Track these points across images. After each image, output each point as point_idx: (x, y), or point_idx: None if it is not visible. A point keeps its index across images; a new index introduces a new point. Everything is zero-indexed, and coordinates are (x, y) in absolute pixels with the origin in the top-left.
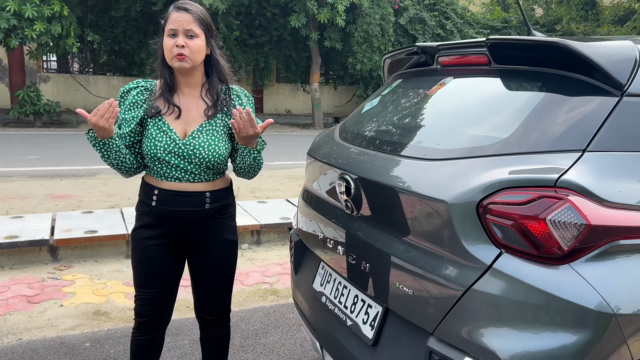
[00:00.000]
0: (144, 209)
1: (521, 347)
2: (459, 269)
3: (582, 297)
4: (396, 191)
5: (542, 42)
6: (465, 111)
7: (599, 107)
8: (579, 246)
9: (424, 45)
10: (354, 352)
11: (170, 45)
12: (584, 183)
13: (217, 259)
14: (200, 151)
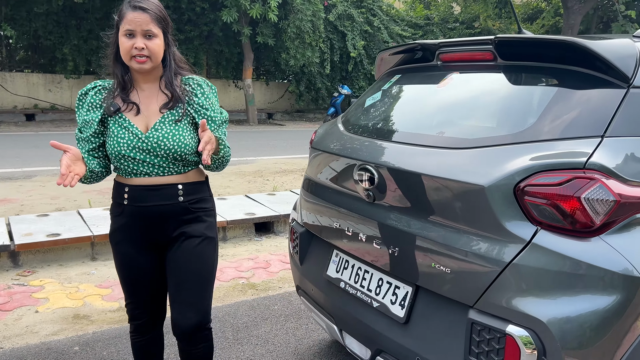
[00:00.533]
0: (117, 210)
1: (561, 312)
2: (499, 246)
3: (613, 264)
4: (428, 179)
5: (553, 40)
6: (481, 103)
7: (610, 98)
8: (608, 220)
9: (425, 42)
10: (382, 331)
11: (128, 47)
12: (608, 164)
13: (193, 254)
14: (164, 142)
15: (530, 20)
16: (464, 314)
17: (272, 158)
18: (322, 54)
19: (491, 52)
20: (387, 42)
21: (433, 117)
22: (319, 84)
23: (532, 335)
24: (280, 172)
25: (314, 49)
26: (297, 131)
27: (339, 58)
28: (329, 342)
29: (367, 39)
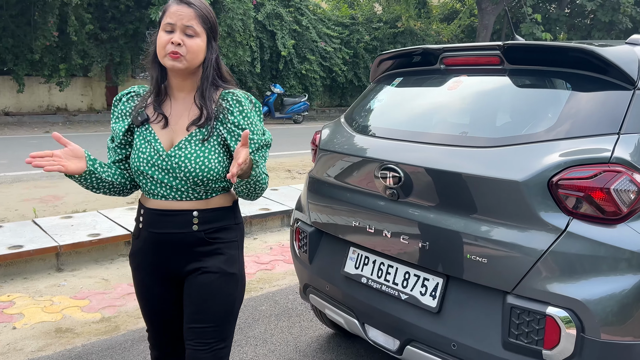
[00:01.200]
0: (135, 232)
1: (597, 292)
2: (535, 236)
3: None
4: (460, 176)
5: (563, 47)
6: (498, 104)
7: (620, 99)
8: (633, 208)
9: (429, 47)
10: (413, 321)
11: (164, 41)
12: (629, 158)
13: (209, 292)
14: (186, 164)
15: (447, 21)
16: (500, 299)
17: None
18: (252, 52)
19: (498, 57)
20: (316, 41)
21: (451, 118)
22: (250, 83)
23: (571, 314)
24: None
25: (245, 48)
26: None
27: (269, 57)
28: (327, 337)
29: (297, 38)
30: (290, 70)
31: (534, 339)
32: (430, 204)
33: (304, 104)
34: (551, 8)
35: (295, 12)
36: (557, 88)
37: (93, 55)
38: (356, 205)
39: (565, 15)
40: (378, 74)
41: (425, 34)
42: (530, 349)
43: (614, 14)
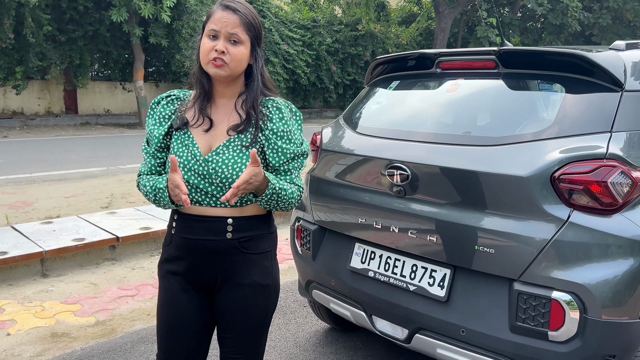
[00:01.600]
0: (167, 240)
1: (598, 276)
2: (540, 226)
3: (633, 234)
4: (467, 173)
5: (556, 52)
6: (496, 105)
7: (610, 100)
8: (627, 199)
9: (425, 51)
10: (421, 310)
11: (208, 48)
12: (622, 154)
13: (241, 306)
14: (222, 170)
15: (405, 24)
16: (506, 286)
17: None
18: None
19: (494, 61)
20: (279, 43)
21: (453, 118)
22: None
23: (575, 298)
24: None
25: None
26: None
27: None
28: (324, 331)
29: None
30: None
31: (540, 321)
32: (438, 200)
33: None
34: (504, 12)
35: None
36: (551, 90)
37: (51, 57)
38: (362, 202)
39: (518, 19)
40: (373, 77)
41: (385, 36)
42: (536, 331)
43: (564, 17)
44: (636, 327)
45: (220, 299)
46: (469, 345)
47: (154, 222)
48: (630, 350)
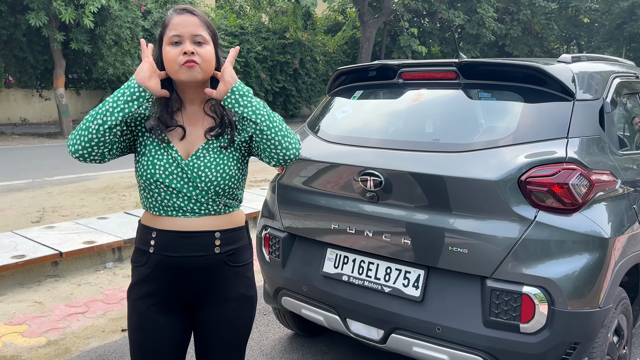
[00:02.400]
0: (139, 259)
1: (564, 270)
2: (509, 226)
3: (591, 230)
4: (439, 178)
5: (513, 64)
6: (460, 114)
7: (564, 108)
8: (585, 199)
9: (388, 62)
10: (397, 311)
11: (174, 55)
12: (578, 158)
13: (228, 320)
14: (206, 172)
15: (331, 32)
16: (479, 284)
17: (116, 172)
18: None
19: (454, 72)
20: None
21: (420, 126)
22: None
23: (543, 291)
24: (133, 187)
25: (134, 57)
26: None
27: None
28: (288, 338)
29: None
30: None
31: (512, 315)
32: (411, 204)
33: None
34: (424, 22)
35: None
36: (511, 100)
37: None
38: (334, 208)
39: (437, 29)
40: (335, 87)
41: (312, 44)
42: (509, 324)
43: (480, 28)
44: (597, 315)
45: (205, 314)
46: (444, 341)
47: (98, 236)
48: (592, 336)
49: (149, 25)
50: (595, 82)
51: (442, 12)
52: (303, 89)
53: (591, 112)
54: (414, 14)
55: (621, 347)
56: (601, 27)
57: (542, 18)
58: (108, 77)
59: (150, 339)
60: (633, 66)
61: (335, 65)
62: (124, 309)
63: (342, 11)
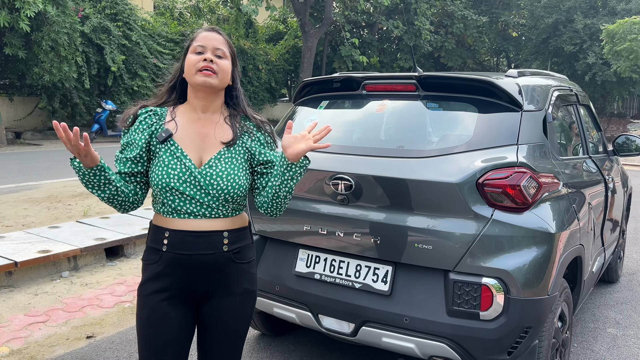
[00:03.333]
0: (152, 258)
1: (517, 262)
2: (469, 224)
3: (540, 227)
4: (406, 182)
5: (467, 78)
6: (421, 123)
7: (513, 118)
8: (535, 199)
9: (352, 75)
10: (367, 305)
11: (195, 60)
12: (527, 162)
13: (233, 313)
14: (218, 181)
15: (273, 41)
16: (442, 277)
17: (59, 181)
18: (78, 67)
19: (414, 85)
20: (147, 57)
21: (385, 134)
22: (76, 99)
23: (500, 282)
24: (78, 196)
25: (71, 63)
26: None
27: (97, 72)
28: (255, 338)
29: (127, 54)
30: (121, 86)
31: (473, 304)
32: (379, 206)
33: None
34: (364, 33)
35: (124, 26)
36: (467, 110)
37: None
38: (306, 211)
39: (376, 40)
40: (301, 97)
41: (255, 53)
42: (470, 313)
43: (417, 39)
44: (545, 302)
45: (211, 308)
46: (411, 331)
47: (52, 245)
48: (542, 321)
49: (87, 30)
50: (537, 94)
51: (382, 22)
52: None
53: (536, 121)
54: (354, 25)
55: (564, 331)
56: (528, 41)
57: (474, 31)
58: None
59: (161, 333)
60: (567, 80)
61: (277, 73)
62: (87, 316)
63: (284, 20)
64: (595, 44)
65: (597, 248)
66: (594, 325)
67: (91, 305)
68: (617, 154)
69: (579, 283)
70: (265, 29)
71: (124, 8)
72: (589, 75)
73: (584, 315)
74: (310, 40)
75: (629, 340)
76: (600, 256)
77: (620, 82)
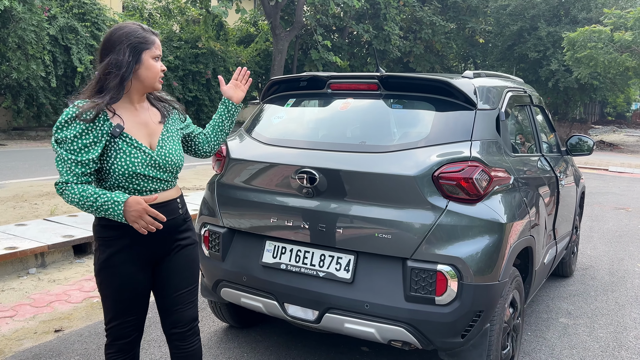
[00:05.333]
0: (116, 234)
1: (470, 250)
2: (426, 214)
3: (491, 217)
4: (367, 175)
5: (427, 78)
6: (382, 120)
7: (468, 116)
8: (487, 191)
9: (317, 74)
10: (330, 292)
11: (158, 68)
12: (480, 157)
13: (189, 261)
14: (171, 158)
15: (244, 44)
16: (401, 265)
17: (25, 181)
18: (46, 67)
19: (377, 84)
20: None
21: (348, 130)
22: (42, 99)
23: (454, 268)
24: (45, 195)
25: (38, 62)
26: (27, 151)
27: (64, 72)
28: (223, 330)
29: (94, 54)
30: None
31: (429, 289)
32: (342, 198)
33: None
34: (334, 37)
35: (92, 26)
36: (425, 109)
37: None
38: (272, 204)
39: (347, 44)
40: (269, 95)
41: (225, 55)
42: (426, 298)
43: (386, 44)
44: (496, 287)
45: (172, 262)
46: (372, 316)
47: (19, 242)
48: (493, 305)
49: (54, 32)
50: (492, 94)
51: (352, 26)
52: (216, 98)
53: (489, 119)
54: (325, 28)
55: (515, 317)
56: (494, 47)
57: (442, 37)
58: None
59: (131, 294)
60: (522, 82)
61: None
62: (55, 311)
63: (254, 23)
64: (558, 51)
65: (549, 241)
66: (547, 316)
67: (59, 300)
68: (570, 153)
69: (530, 273)
70: (236, 31)
71: (92, 8)
72: (552, 82)
73: (539, 306)
74: (281, 43)
75: (579, 329)
76: (552, 249)
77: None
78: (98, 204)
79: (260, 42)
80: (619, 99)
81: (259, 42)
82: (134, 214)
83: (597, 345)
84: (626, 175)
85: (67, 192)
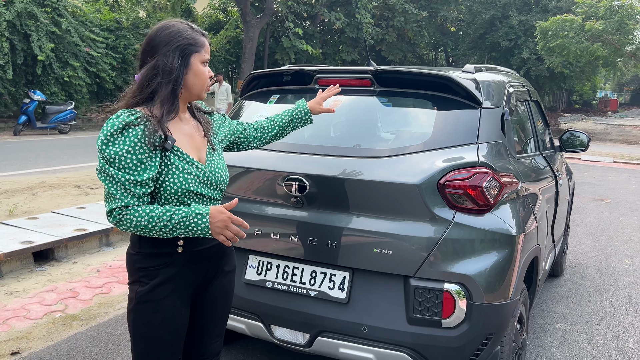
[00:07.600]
0: (163, 262)
1: (480, 267)
2: (430, 227)
3: (502, 229)
4: (363, 182)
5: (426, 73)
6: (378, 120)
7: (473, 116)
8: (497, 200)
9: (304, 68)
10: (323, 314)
11: (206, 77)
12: (488, 162)
13: (227, 291)
14: (220, 174)
15: (213, 31)
16: (402, 283)
17: None
18: (3, 56)
19: (370, 80)
20: (79, 45)
21: (341, 132)
22: (0, 89)
23: (462, 287)
24: (3, 193)
25: None
26: None
27: (23, 60)
28: None
29: (56, 42)
30: (51, 75)
31: (434, 311)
32: (336, 208)
33: (70, 112)
34: (306, 25)
35: (53, 12)
36: (425, 107)
37: None
38: (257, 215)
39: (319, 32)
40: (249, 91)
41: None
42: (431, 320)
43: (359, 32)
44: (508, 307)
45: (209, 292)
46: (370, 341)
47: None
48: (504, 326)
49: (11, 17)
50: (494, 90)
51: (324, 14)
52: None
53: (494, 118)
54: (296, 16)
55: (522, 332)
56: (466, 36)
57: (414, 25)
58: None
59: (174, 332)
60: (518, 76)
61: (218, 64)
62: (12, 330)
63: (224, 10)
64: (529, 39)
65: (549, 245)
66: (543, 321)
67: (17, 316)
68: (564, 149)
69: (535, 283)
70: (205, 17)
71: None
72: (523, 70)
73: (533, 310)
74: (251, 30)
75: (577, 336)
76: (552, 253)
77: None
78: (174, 222)
79: (230, 30)
80: (586, 87)
81: (228, 29)
82: (219, 224)
83: (599, 354)
84: (598, 164)
85: (128, 217)
